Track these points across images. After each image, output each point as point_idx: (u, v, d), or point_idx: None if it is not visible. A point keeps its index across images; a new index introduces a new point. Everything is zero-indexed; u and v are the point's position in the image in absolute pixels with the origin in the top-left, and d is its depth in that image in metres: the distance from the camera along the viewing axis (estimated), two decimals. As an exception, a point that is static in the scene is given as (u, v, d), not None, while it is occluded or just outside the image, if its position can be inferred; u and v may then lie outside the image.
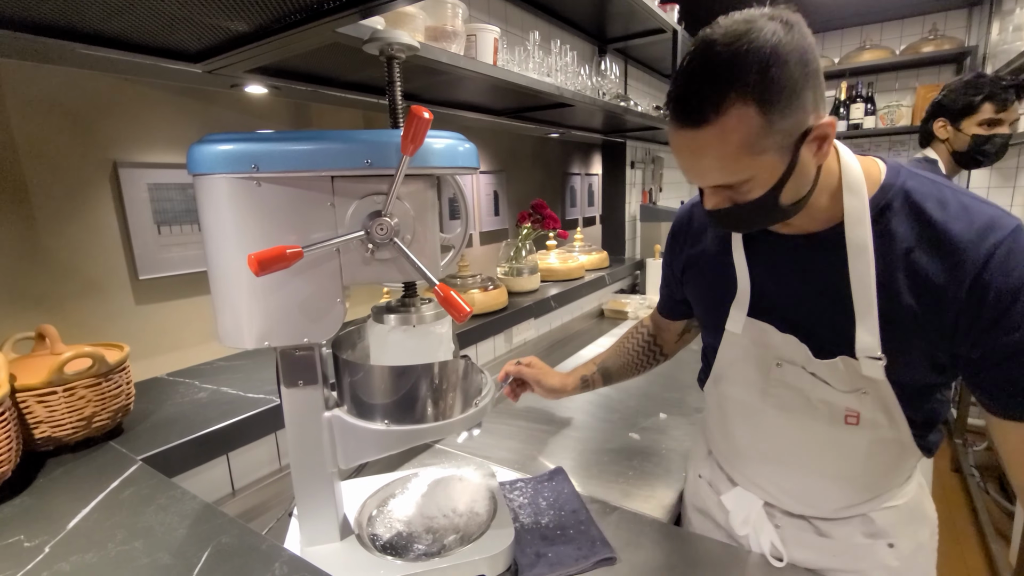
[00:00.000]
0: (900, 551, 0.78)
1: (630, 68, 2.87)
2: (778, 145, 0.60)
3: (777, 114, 0.57)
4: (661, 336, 1.08)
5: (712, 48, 0.57)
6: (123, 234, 1.02)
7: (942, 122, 1.82)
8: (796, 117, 0.58)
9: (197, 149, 0.59)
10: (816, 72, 0.59)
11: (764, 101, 0.56)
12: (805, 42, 0.58)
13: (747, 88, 0.56)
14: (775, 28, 0.56)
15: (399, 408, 0.69)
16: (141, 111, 1.03)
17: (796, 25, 0.58)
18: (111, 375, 0.79)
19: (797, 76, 0.57)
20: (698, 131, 0.59)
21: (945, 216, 0.64)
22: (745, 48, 0.56)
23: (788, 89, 0.57)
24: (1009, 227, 0.61)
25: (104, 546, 0.57)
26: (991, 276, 0.60)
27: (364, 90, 1.17)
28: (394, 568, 0.72)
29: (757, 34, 0.56)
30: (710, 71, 0.57)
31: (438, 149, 0.64)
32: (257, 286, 0.61)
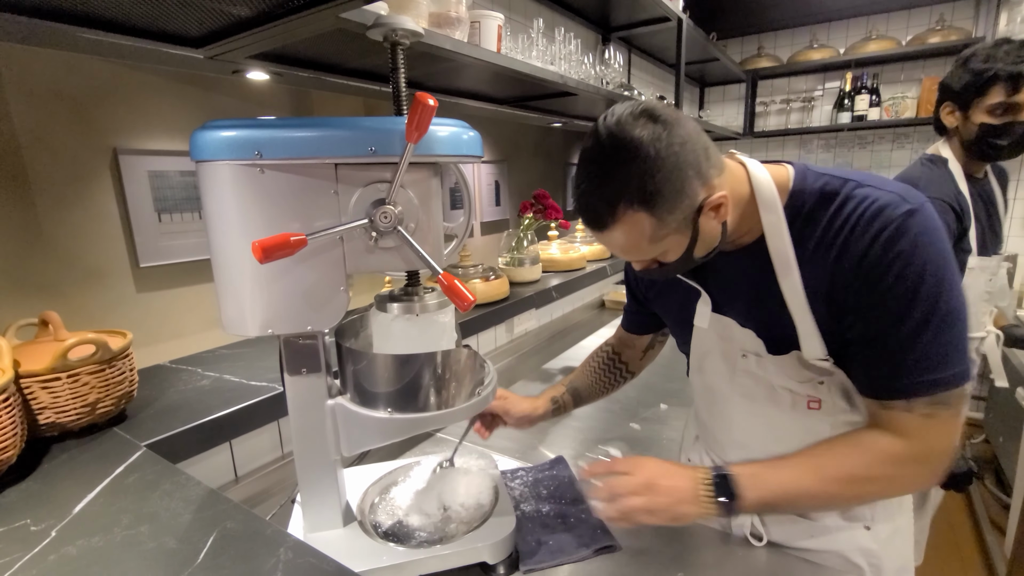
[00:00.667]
0: (877, 534, 0.80)
1: (634, 57, 2.84)
2: (676, 227, 0.66)
3: (665, 211, 0.64)
4: (626, 353, 1.08)
5: (600, 161, 0.64)
6: (124, 221, 1.02)
7: (949, 107, 1.48)
8: (685, 203, 0.64)
9: (200, 135, 0.59)
10: (697, 153, 0.64)
11: (650, 204, 0.63)
12: (683, 132, 0.64)
13: (633, 198, 0.63)
14: (651, 132, 0.62)
15: (402, 396, 0.69)
16: (141, 98, 1.02)
17: (671, 121, 0.63)
18: (114, 362, 0.79)
19: (678, 173, 0.63)
20: (602, 233, 0.68)
21: (849, 209, 0.66)
22: (626, 159, 0.62)
23: (670, 187, 0.63)
24: (901, 210, 0.62)
25: (110, 530, 0.57)
26: (873, 257, 0.63)
27: (366, 77, 1.16)
28: (396, 554, 0.73)
29: (636, 145, 0.62)
30: (599, 185, 0.65)
31: (442, 137, 0.64)
32: (261, 274, 0.61)
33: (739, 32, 3.66)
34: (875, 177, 0.69)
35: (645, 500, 0.69)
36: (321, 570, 0.51)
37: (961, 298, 0.64)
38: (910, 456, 0.67)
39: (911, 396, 0.65)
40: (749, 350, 0.78)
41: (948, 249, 0.63)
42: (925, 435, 0.66)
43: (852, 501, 0.72)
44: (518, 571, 0.76)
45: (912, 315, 0.63)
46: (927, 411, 0.65)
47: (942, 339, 0.63)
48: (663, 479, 0.70)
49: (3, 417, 0.64)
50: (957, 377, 0.64)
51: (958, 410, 0.66)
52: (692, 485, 0.69)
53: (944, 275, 0.62)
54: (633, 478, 0.71)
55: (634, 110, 0.64)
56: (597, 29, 2.41)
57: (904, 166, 1.79)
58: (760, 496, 0.69)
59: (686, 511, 0.69)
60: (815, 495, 0.69)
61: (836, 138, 3.51)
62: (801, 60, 3.38)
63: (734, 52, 3.72)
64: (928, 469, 0.68)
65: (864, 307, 0.66)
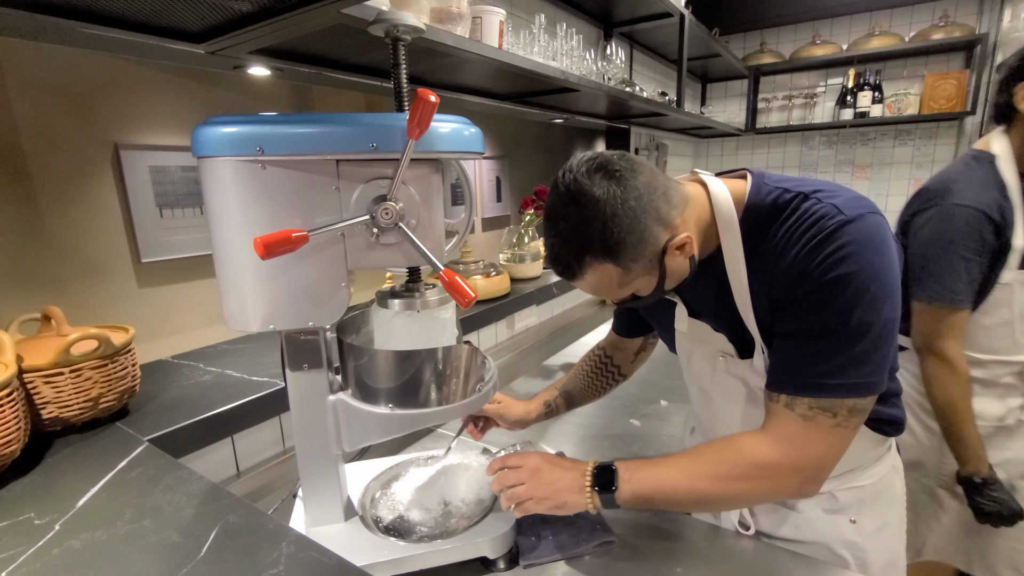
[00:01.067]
0: (862, 527, 0.81)
1: (636, 53, 2.83)
2: (643, 270, 0.70)
3: (629, 259, 0.67)
4: (618, 356, 1.09)
5: (563, 217, 0.67)
6: (125, 217, 1.02)
7: None
8: (648, 250, 0.67)
9: (202, 131, 0.59)
10: (655, 200, 0.66)
11: (614, 255, 0.66)
12: (640, 182, 0.66)
13: (597, 251, 0.66)
14: (606, 190, 0.64)
15: (403, 392, 0.69)
16: (142, 93, 1.02)
17: (626, 174, 0.65)
18: (117, 357, 0.80)
19: (637, 224, 0.65)
20: (573, 281, 0.72)
21: (792, 221, 0.67)
22: (586, 217, 0.65)
23: (632, 238, 0.65)
24: (834, 220, 0.63)
25: (113, 524, 0.58)
26: (800, 261, 0.65)
27: (367, 73, 1.16)
28: (397, 549, 0.73)
29: (593, 203, 0.64)
30: (565, 241, 0.68)
31: (444, 133, 0.64)
32: (263, 270, 0.61)
33: (741, 28, 3.64)
34: (829, 186, 0.69)
35: (527, 488, 0.73)
36: (323, 564, 0.52)
37: (884, 315, 0.63)
38: (779, 462, 0.67)
39: (796, 392, 0.66)
40: (724, 352, 0.80)
41: (883, 264, 0.63)
42: (802, 441, 0.67)
43: (723, 500, 0.72)
44: (518, 566, 0.76)
45: (822, 319, 0.64)
46: (808, 413, 0.66)
47: (845, 349, 0.64)
48: (547, 471, 0.75)
49: (6, 411, 0.65)
50: (846, 388, 0.64)
51: (844, 424, 0.66)
52: (576, 476, 0.73)
53: (868, 288, 0.62)
54: (520, 470, 0.76)
55: (590, 166, 0.66)
56: (599, 24, 2.40)
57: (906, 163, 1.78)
58: (634, 489, 0.71)
59: (567, 499, 0.72)
60: (687, 491, 0.70)
61: (838, 135, 3.50)
62: (804, 56, 3.37)
63: (736, 48, 3.71)
64: (797, 478, 0.68)
65: (786, 305, 0.68)
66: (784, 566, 0.76)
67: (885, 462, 0.85)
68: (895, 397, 0.80)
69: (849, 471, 0.82)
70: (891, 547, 0.84)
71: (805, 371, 0.66)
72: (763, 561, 0.77)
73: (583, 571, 0.75)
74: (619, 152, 0.69)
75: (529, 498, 0.73)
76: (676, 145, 3.56)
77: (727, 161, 3.93)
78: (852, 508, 0.82)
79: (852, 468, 0.82)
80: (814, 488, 0.69)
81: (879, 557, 0.82)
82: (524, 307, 1.77)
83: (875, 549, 0.82)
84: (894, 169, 3.37)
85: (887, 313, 0.64)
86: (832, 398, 0.65)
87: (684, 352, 0.91)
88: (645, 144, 3.03)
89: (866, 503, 0.82)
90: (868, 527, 0.82)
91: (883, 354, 0.65)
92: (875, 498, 0.83)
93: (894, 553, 0.85)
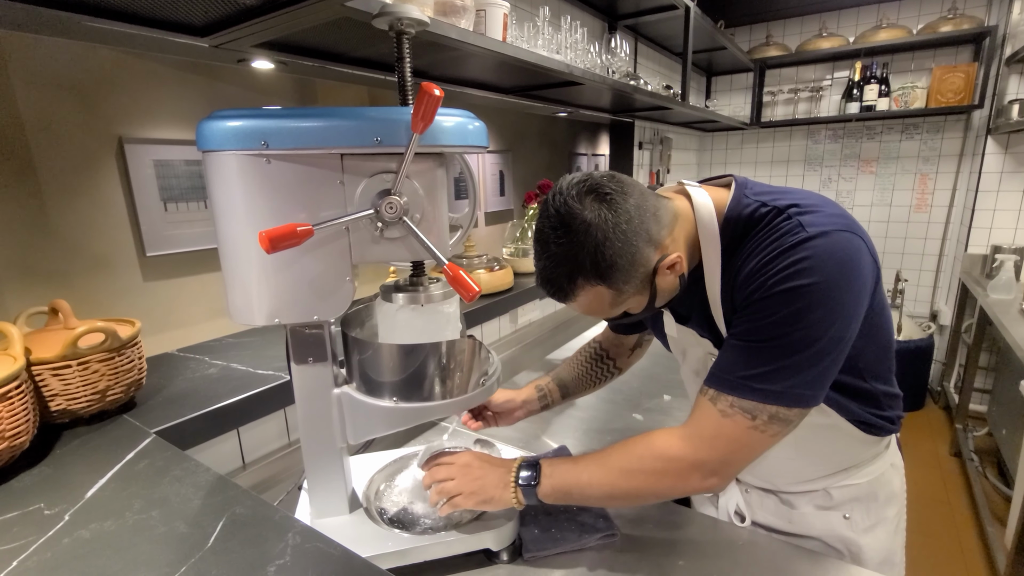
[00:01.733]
0: (856, 523, 0.82)
1: (640, 46, 2.81)
2: (635, 290, 0.70)
3: (621, 281, 0.68)
4: (614, 351, 1.09)
5: (554, 240, 0.67)
6: (130, 211, 1.02)
7: None
8: (640, 271, 0.68)
9: (206, 125, 0.59)
10: (645, 221, 0.67)
11: (606, 278, 0.67)
12: (630, 204, 0.66)
13: (589, 274, 0.67)
14: (597, 214, 0.65)
15: (407, 386, 0.70)
16: (146, 86, 1.02)
17: (616, 197, 0.66)
18: (124, 350, 0.80)
19: (628, 247, 0.66)
20: (565, 302, 0.73)
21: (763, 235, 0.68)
22: (577, 241, 0.65)
23: (623, 260, 0.66)
24: (798, 236, 0.64)
25: (122, 515, 0.58)
26: (758, 270, 0.66)
27: (371, 66, 1.15)
28: (401, 541, 0.74)
29: (584, 228, 0.65)
30: (556, 264, 0.68)
31: (448, 127, 0.64)
32: (267, 264, 0.62)
33: (747, 20, 3.61)
34: (808, 201, 0.69)
35: (456, 483, 0.75)
36: (328, 555, 0.52)
37: (833, 333, 0.63)
38: (684, 456, 0.68)
39: (722, 389, 0.67)
40: (712, 355, 0.81)
41: (842, 282, 0.63)
42: (712, 436, 0.67)
43: (630, 494, 0.72)
44: (520, 558, 0.77)
45: (765, 326, 0.64)
46: (727, 410, 0.66)
47: (779, 357, 0.64)
48: (476, 467, 0.77)
49: (15, 404, 0.65)
50: (771, 395, 0.65)
51: (762, 428, 0.66)
52: (502, 472, 0.75)
53: (818, 304, 0.62)
54: (451, 466, 0.78)
55: (580, 188, 0.66)
56: (603, 17, 2.39)
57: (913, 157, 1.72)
58: (554, 484, 0.73)
59: (493, 494, 0.74)
60: (599, 484, 0.71)
61: (844, 128, 3.47)
62: (810, 49, 3.34)
63: (742, 40, 3.68)
64: (699, 472, 0.68)
65: (739, 310, 0.69)
66: (785, 558, 0.77)
67: (883, 460, 0.85)
68: (891, 399, 0.79)
69: (843, 470, 0.83)
70: (887, 544, 0.85)
71: (736, 370, 0.67)
72: (764, 554, 0.78)
73: (585, 564, 0.76)
74: (608, 173, 0.69)
75: (458, 493, 0.74)
76: (680, 139, 3.55)
77: (731, 156, 3.91)
78: (846, 505, 0.83)
79: (847, 467, 0.83)
80: (719, 483, 0.69)
81: (874, 554, 0.83)
82: (527, 301, 1.78)
83: (869, 546, 0.82)
84: (900, 163, 3.34)
85: (837, 331, 0.64)
86: (755, 401, 0.65)
87: (678, 353, 0.93)
88: (649, 138, 3.01)
89: (861, 500, 0.83)
90: (862, 524, 0.82)
91: (822, 369, 0.65)
92: (871, 496, 0.83)
93: (891, 550, 0.85)
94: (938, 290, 3.39)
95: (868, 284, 0.67)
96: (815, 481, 0.83)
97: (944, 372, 3.28)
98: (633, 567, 0.75)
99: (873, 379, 0.76)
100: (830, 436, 0.78)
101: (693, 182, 0.78)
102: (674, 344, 0.91)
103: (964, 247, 3.02)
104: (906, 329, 3.22)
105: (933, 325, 3.33)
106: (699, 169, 4.04)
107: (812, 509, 0.84)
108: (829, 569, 0.74)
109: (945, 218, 3.27)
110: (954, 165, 3.20)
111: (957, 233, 3.20)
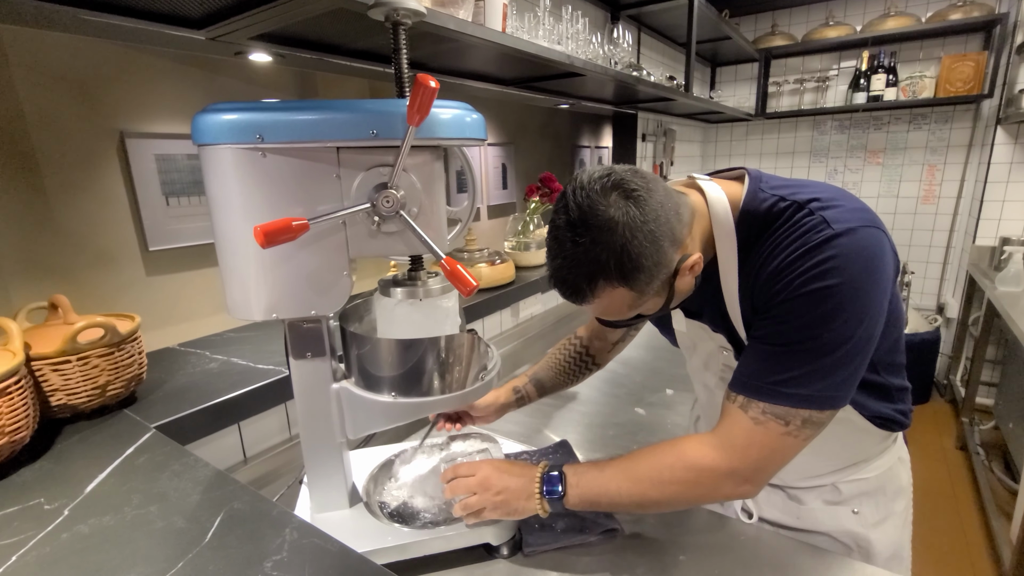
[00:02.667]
0: (865, 518, 0.82)
1: (643, 36, 2.78)
2: (654, 293, 0.67)
3: (644, 283, 0.64)
4: (595, 345, 1.07)
5: (574, 240, 0.62)
6: (132, 205, 1.02)
7: None
8: (663, 272, 0.65)
9: (201, 119, 0.58)
10: (670, 220, 0.64)
11: (629, 280, 0.63)
12: (656, 201, 0.63)
13: (611, 276, 0.63)
14: (625, 212, 0.61)
15: (406, 381, 0.69)
16: (147, 81, 1.02)
17: (643, 195, 0.62)
18: (123, 345, 0.80)
19: (655, 247, 0.62)
20: (581, 304, 0.68)
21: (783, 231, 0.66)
22: (601, 240, 0.61)
23: (648, 261, 0.62)
24: (822, 234, 0.62)
25: (121, 510, 0.58)
26: (782, 270, 0.64)
27: (370, 58, 1.14)
28: (401, 535, 0.74)
29: (611, 227, 0.61)
30: (575, 264, 0.63)
31: (445, 120, 0.63)
32: (264, 258, 0.61)
33: (752, 9, 3.56)
34: (827, 194, 0.67)
35: (479, 499, 0.73)
36: (325, 550, 0.52)
37: (862, 332, 0.62)
38: (717, 466, 0.67)
39: (753, 396, 0.66)
40: (725, 349, 0.80)
41: (869, 280, 0.61)
42: (745, 445, 0.66)
43: (662, 503, 0.71)
44: (521, 552, 0.77)
45: (793, 329, 0.63)
46: (759, 417, 0.65)
47: (810, 360, 0.63)
48: (497, 479, 0.74)
49: (15, 398, 0.65)
50: (803, 399, 0.63)
51: (795, 434, 0.65)
52: (525, 483, 0.73)
53: (846, 305, 0.61)
54: (472, 479, 0.75)
55: (604, 184, 0.63)
56: (605, 7, 2.36)
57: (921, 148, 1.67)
58: (581, 494, 0.71)
59: (517, 506, 0.72)
60: (629, 494, 0.70)
61: (851, 119, 3.43)
62: (816, 38, 3.29)
63: (747, 30, 3.64)
64: (732, 480, 0.67)
65: (763, 311, 0.67)
66: (789, 555, 0.76)
67: (891, 454, 0.84)
68: (902, 392, 0.79)
69: (852, 464, 0.82)
70: (895, 538, 0.84)
71: (765, 376, 0.65)
72: (768, 550, 0.77)
73: (587, 559, 0.76)
74: (631, 168, 0.66)
75: (482, 508, 0.73)
76: (684, 131, 3.51)
77: (736, 147, 3.87)
78: (855, 500, 0.82)
79: (856, 462, 0.82)
80: (752, 490, 0.68)
81: (883, 548, 0.82)
82: (529, 295, 1.77)
83: (879, 540, 0.82)
84: (908, 154, 3.30)
85: (865, 331, 0.63)
86: (787, 407, 0.64)
87: (686, 348, 0.91)
88: (652, 130, 2.99)
89: (870, 495, 0.82)
90: (871, 518, 0.82)
91: (852, 370, 0.64)
92: (879, 490, 0.83)
93: (899, 544, 0.85)
94: (945, 283, 3.36)
95: (891, 280, 0.65)
96: (824, 476, 0.83)
97: (951, 365, 3.26)
98: (634, 563, 0.75)
99: (886, 372, 0.75)
100: (842, 432, 0.77)
101: (704, 176, 0.76)
102: (683, 339, 0.90)
103: (972, 239, 2.99)
104: (912, 322, 3.19)
105: (940, 318, 3.30)
106: (703, 161, 4.00)
107: (820, 504, 0.83)
108: (832, 565, 0.74)
109: (953, 210, 3.23)
110: (963, 156, 3.16)
111: (965, 225, 3.16)
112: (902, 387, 0.79)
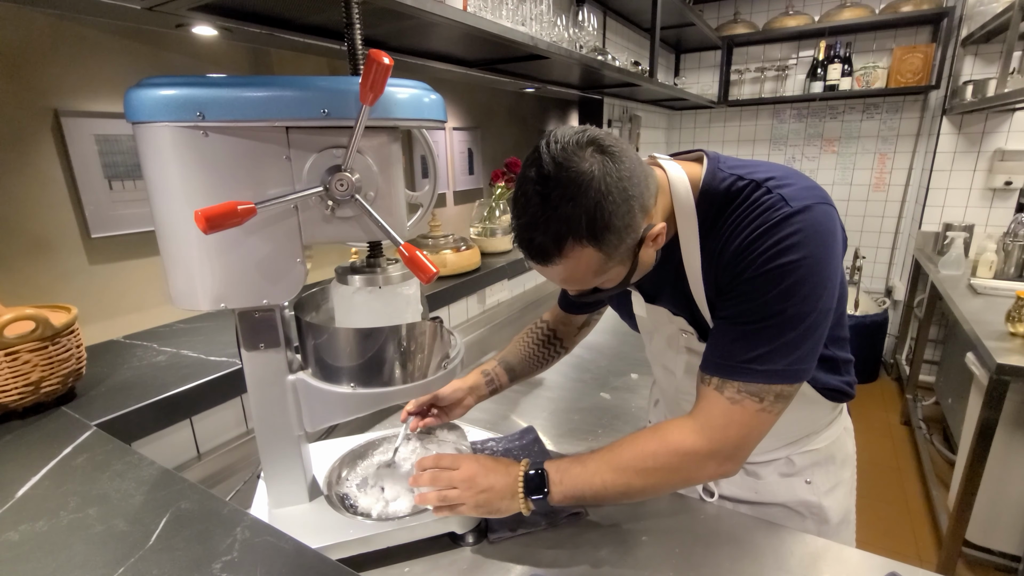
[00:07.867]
0: (817, 487, 0.86)
1: (609, 20, 2.77)
2: (620, 259, 0.66)
3: (613, 246, 0.63)
4: (561, 330, 1.08)
5: (545, 194, 0.60)
6: (71, 189, 0.95)
7: None
8: (630, 237, 0.64)
9: (135, 94, 0.54)
10: (640, 184, 0.63)
11: (599, 239, 0.61)
12: (629, 163, 0.62)
13: (581, 234, 0.60)
14: (601, 166, 0.60)
15: (366, 371, 0.67)
16: (83, 55, 0.94)
17: (618, 152, 0.61)
18: (58, 338, 0.75)
19: (626, 207, 0.61)
20: (546, 267, 0.66)
21: (742, 209, 0.67)
22: (575, 194, 0.59)
23: (619, 221, 0.61)
24: (781, 211, 0.63)
25: (56, 514, 0.55)
26: (744, 249, 0.65)
27: (326, 35, 1.09)
28: (364, 527, 0.72)
29: (587, 179, 0.59)
30: (545, 220, 0.61)
31: (402, 99, 0.60)
32: (209, 245, 0.58)
33: (716, -4, 3.60)
34: (781, 173, 0.68)
35: (460, 494, 0.72)
36: (279, 548, 0.50)
37: (821, 305, 0.64)
38: (700, 448, 0.68)
39: (727, 376, 0.67)
40: (685, 332, 0.81)
41: (826, 254, 0.63)
42: (724, 424, 0.67)
43: (648, 490, 0.72)
44: (486, 540, 0.76)
45: (759, 306, 0.64)
46: (735, 396, 0.67)
47: (778, 336, 0.64)
48: (483, 477, 0.73)
49: (-66, 398, 0.60)
50: (776, 375, 0.65)
51: (769, 409, 0.67)
52: (509, 482, 0.72)
53: (807, 279, 0.62)
54: (456, 472, 0.74)
55: (580, 139, 0.61)
56: (572, -10, 2.33)
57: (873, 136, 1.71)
58: (564, 491, 0.71)
59: (501, 506, 0.72)
60: (613, 485, 0.70)
61: (808, 108, 3.52)
62: (777, 27, 3.35)
63: (711, 17, 3.67)
64: (715, 460, 0.69)
65: (727, 290, 0.68)
66: (746, 530, 0.79)
67: (838, 424, 0.88)
68: (847, 364, 0.82)
69: (804, 436, 0.86)
70: (845, 504, 0.89)
71: (738, 355, 0.66)
72: (726, 527, 0.79)
73: (551, 543, 0.76)
74: (605, 130, 0.65)
75: (462, 503, 0.72)
76: (649, 117, 3.54)
77: (699, 134, 3.93)
78: (807, 470, 0.86)
79: (808, 434, 0.86)
80: (733, 467, 0.70)
81: (834, 514, 0.87)
82: (495, 282, 1.76)
83: (830, 507, 0.86)
84: (861, 143, 3.42)
85: (824, 303, 0.64)
86: (761, 383, 0.65)
87: (646, 333, 0.92)
88: (618, 116, 3.00)
89: (820, 464, 0.86)
90: (823, 487, 0.86)
91: (815, 342, 0.66)
92: (829, 459, 0.87)
93: (847, 509, 0.90)
94: (893, 266, 3.52)
95: (841, 254, 0.67)
96: (779, 450, 0.86)
97: (897, 345, 3.43)
98: (598, 543, 0.76)
99: (833, 346, 0.78)
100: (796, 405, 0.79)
101: (665, 156, 0.76)
102: (643, 324, 0.90)
103: (918, 225, 3.14)
104: (863, 304, 3.34)
105: (888, 300, 3.46)
106: (668, 148, 4.05)
107: (776, 477, 0.86)
108: (785, 538, 0.76)
109: (901, 197, 3.37)
110: (911, 145, 3.29)
111: (912, 211, 3.31)
112: (847, 360, 0.82)
